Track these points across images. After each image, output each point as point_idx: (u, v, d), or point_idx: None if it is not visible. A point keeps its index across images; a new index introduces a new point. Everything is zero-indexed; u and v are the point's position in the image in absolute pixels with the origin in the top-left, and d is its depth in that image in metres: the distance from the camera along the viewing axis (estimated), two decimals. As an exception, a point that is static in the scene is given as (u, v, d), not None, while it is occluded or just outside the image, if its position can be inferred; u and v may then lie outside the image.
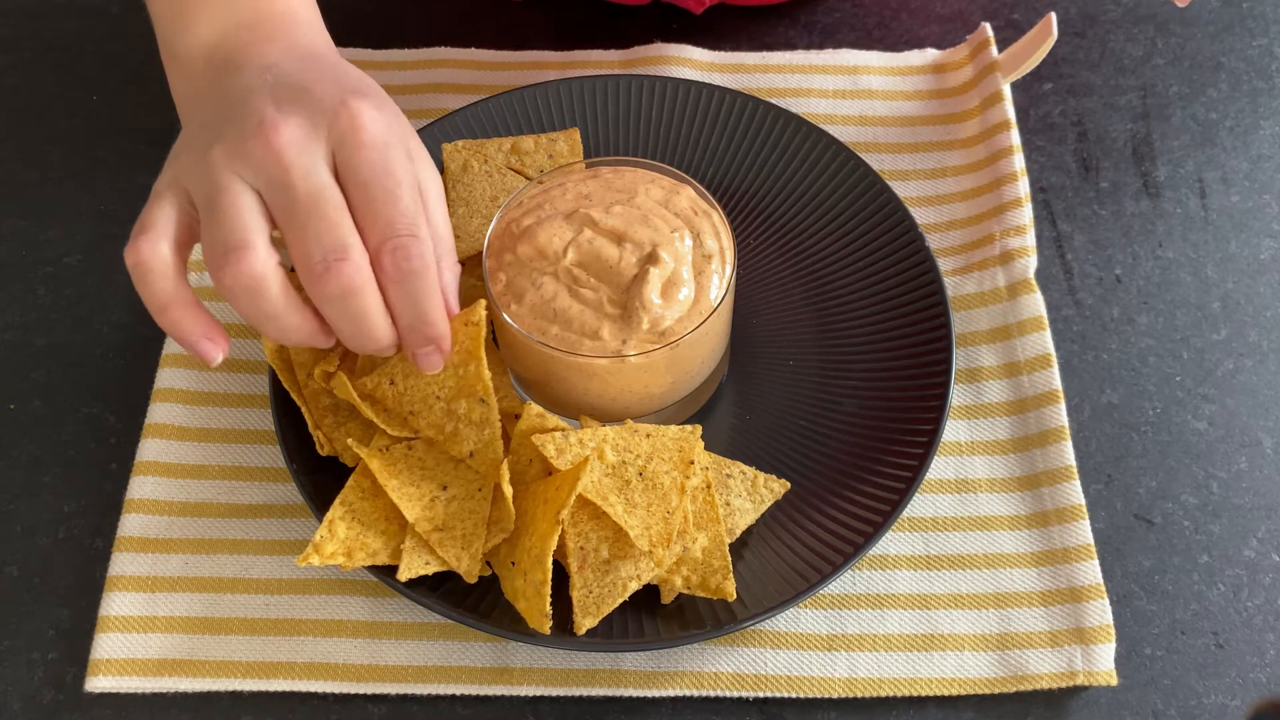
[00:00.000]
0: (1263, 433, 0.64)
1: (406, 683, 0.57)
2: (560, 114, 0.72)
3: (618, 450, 0.56)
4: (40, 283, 0.70)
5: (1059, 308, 0.69)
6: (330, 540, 0.55)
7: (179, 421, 0.63)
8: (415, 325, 0.52)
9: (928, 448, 0.59)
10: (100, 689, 0.56)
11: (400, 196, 0.49)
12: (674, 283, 0.57)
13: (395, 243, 0.49)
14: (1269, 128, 0.76)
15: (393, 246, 0.49)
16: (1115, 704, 0.57)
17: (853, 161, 0.70)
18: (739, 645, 0.57)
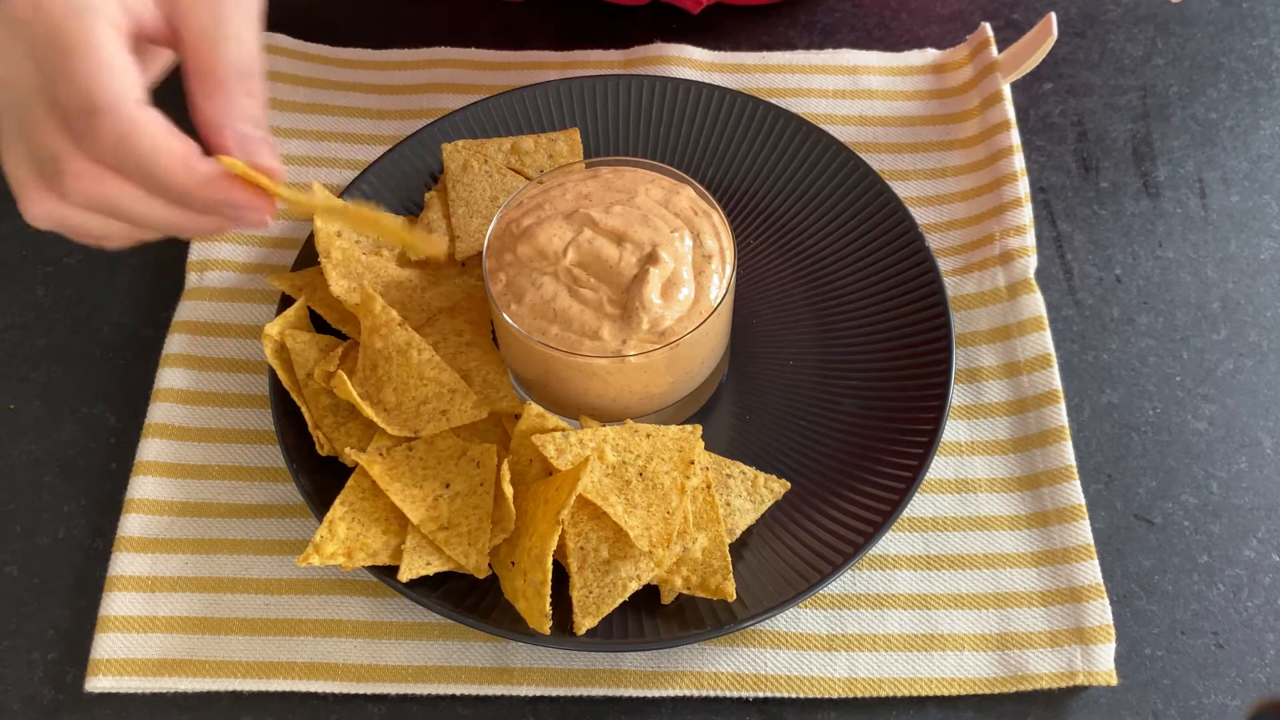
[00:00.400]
0: (1263, 433, 0.64)
1: (406, 683, 0.57)
2: (560, 114, 0.72)
3: (618, 450, 0.56)
4: (40, 283, 0.70)
5: (1059, 308, 0.69)
6: (330, 540, 0.55)
7: (179, 421, 0.63)
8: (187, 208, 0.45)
9: (928, 448, 0.59)
10: (100, 689, 0.56)
11: (65, 70, 0.42)
12: (674, 283, 0.57)
13: (80, 130, 0.42)
14: (1269, 128, 0.76)
15: (79, 136, 0.43)
16: (1115, 704, 0.57)
17: (853, 161, 0.70)
18: (739, 645, 0.57)
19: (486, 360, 0.62)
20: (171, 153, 0.43)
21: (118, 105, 0.42)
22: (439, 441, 0.58)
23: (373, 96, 0.76)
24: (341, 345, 0.61)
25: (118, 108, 0.42)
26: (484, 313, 0.64)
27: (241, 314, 0.67)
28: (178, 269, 0.69)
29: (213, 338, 0.66)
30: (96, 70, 0.41)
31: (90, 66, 0.41)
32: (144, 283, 0.70)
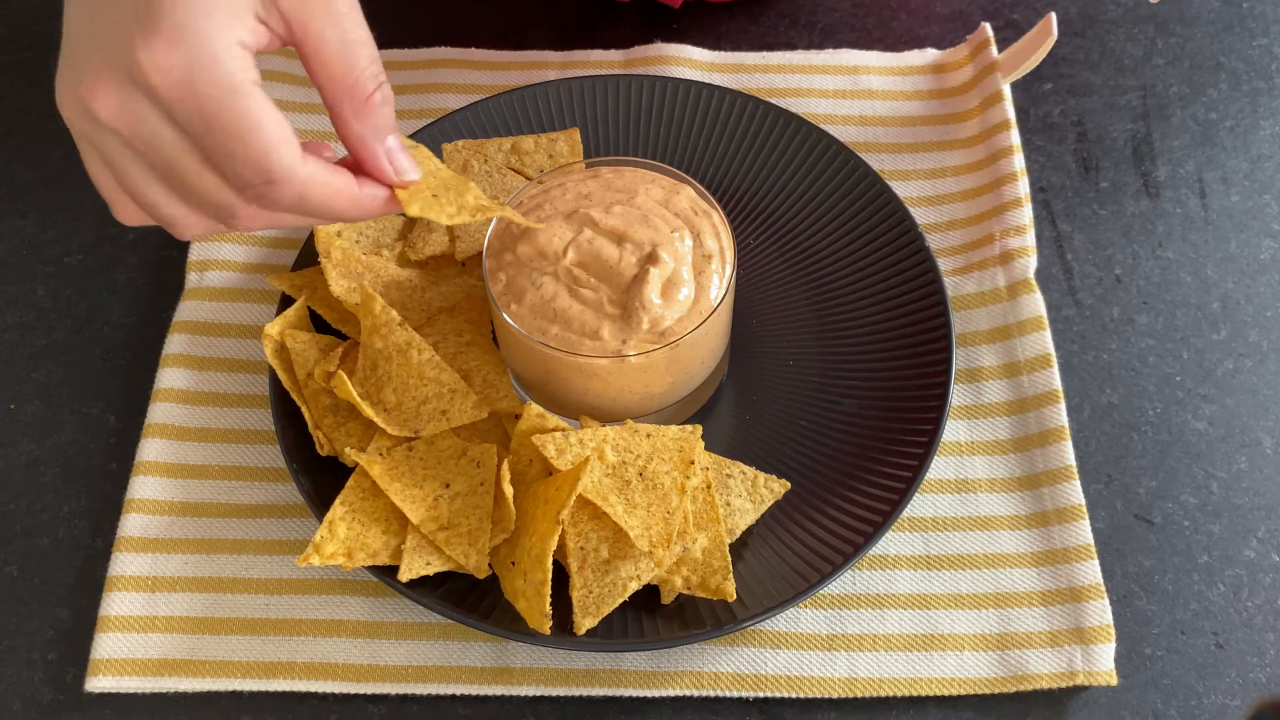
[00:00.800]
0: (1263, 433, 0.64)
1: (406, 683, 0.57)
2: (560, 114, 0.72)
3: (618, 450, 0.56)
4: (40, 283, 0.70)
5: (1059, 308, 0.69)
6: (330, 540, 0.55)
7: (179, 421, 0.63)
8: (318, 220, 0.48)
9: (928, 448, 0.59)
10: (100, 689, 0.56)
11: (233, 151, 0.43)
12: (674, 283, 0.57)
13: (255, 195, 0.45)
14: (1269, 128, 0.76)
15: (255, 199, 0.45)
16: (1115, 704, 0.57)
17: (853, 161, 0.70)
18: (739, 645, 0.57)
19: (486, 360, 0.62)
20: (340, 196, 0.46)
21: (291, 176, 0.44)
22: (439, 441, 0.58)
23: (373, 96, 0.76)
24: (341, 345, 0.61)
25: (292, 178, 0.44)
26: (484, 313, 0.64)
27: (241, 314, 0.67)
28: (178, 269, 0.69)
29: (213, 338, 0.66)
30: (268, 150, 0.43)
31: (262, 146, 0.43)
32: (144, 283, 0.70)
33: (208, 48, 0.41)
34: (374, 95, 0.46)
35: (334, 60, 0.45)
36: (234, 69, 0.42)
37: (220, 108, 0.42)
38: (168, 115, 0.42)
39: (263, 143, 0.43)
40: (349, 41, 0.45)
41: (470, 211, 0.50)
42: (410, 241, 0.66)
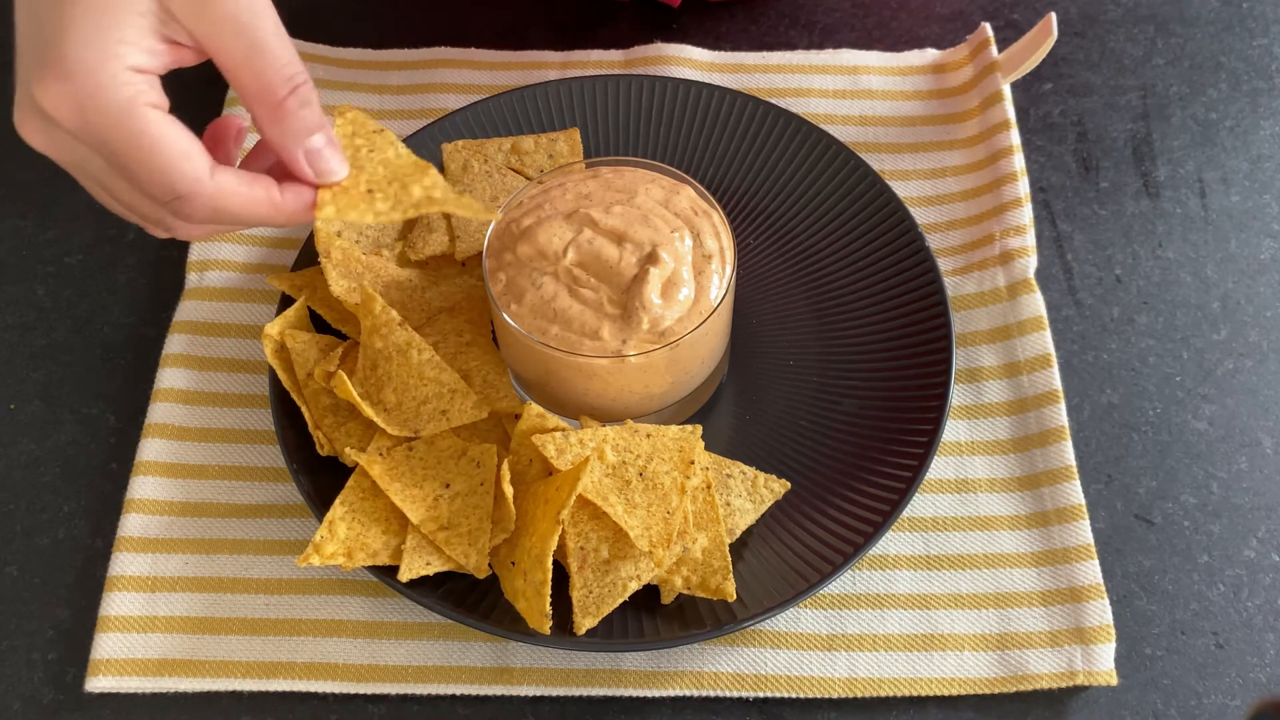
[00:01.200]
0: (1263, 433, 0.64)
1: (406, 683, 0.57)
2: (560, 114, 0.72)
3: (618, 450, 0.56)
4: (40, 283, 0.70)
5: (1059, 308, 0.69)
6: (330, 540, 0.55)
7: (179, 421, 0.63)
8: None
9: (928, 448, 0.59)
10: (100, 689, 0.56)
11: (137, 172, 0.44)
12: (674, 283, 0.57)
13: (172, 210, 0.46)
14: (1269, 128, 0.76)
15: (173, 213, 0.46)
16: (1115, 704, 0.57)
17: (853, 161, 0.70)
18: (739, 645, 0.57)
19: (486, 360, 0.62)
20: (258, 204, 0.47)
21: (198, 188, 0.44)
22: (439, 441, 0.58)
23: (373, 96, 0.76)
24: (341, 345, 0.61)
25: (198, 190, 0.44)
26: (484, 313, 0.64)
27: (241, 314, 0.67)
28: (178, 269, 0.69)
29: (213, 338, 0.66)
30: (168, 165, 0.44)
31: (161, 163, 0.44)
32: (144, 283, 0.70)
33: (93, 79, 0.42)
34: (287, 100, 0.45)
35: (242, 69, 0.45)
36: (123, 95, 0.43)
37: (114, 134, 0.43)
38: (78, 142, 0.44)
39: (162, 162, 0.44)
40: (255, 47, 0.44)
41: (409, 206, 0.48)
42: (410, 241, 0.66)
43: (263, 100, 0.45)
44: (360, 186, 0.48)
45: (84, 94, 0.43)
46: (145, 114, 0.43)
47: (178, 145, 0.44)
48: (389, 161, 0.49)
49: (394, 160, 0.49)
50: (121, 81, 0.43)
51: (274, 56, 0.45)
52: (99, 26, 0.42)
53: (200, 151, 0.45)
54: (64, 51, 0.42)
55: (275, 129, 0.46)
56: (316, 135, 0.47)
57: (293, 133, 0.46)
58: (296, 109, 0.46)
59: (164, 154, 0.44)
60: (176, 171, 0.44)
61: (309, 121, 0.46)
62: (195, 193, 0.45)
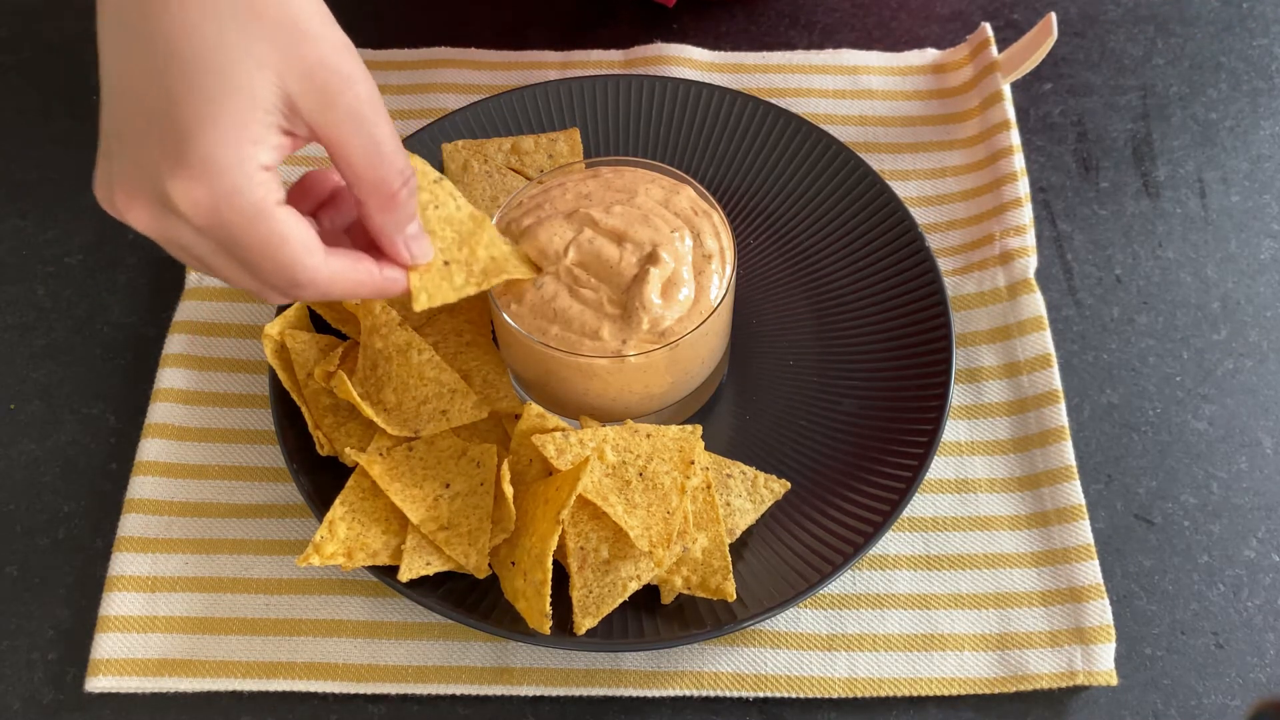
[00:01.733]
0: (1263, 433, 0.64)
1: (406, 683, 0.57)
2: (560, 114, 0.72)
3: (618, 450, 0.56)
4: (40, 283, 0.70)
5: (1059, 308, 0.69)
6: (330, 540, 0.55)
7: (179, 421, 0.63)
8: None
9: (928, 448, 0.59)
10: (100, 689, 0.56)
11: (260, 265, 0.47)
12: (674, 283, 0.57)
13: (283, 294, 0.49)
14: (1269, 128, 0.76)
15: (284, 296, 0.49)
16: (1115, 704, 0.57)
17: (853, 161, 0.70)
18: (739, 645, 0.57)
19: (486, 360, 0.62)
20: (363, 286, 0.50)
21: (314, 279, 0.47)
22: (439, 441, 0.58)
23: (373, 96, 0.76)
24: (341, 345, 0.61)
25: (315, 280, 0.47)
26: (484, 313, 0.64)
27: (241, 314, 0.67)
28: (178, 269, 0.69)
29: (213, 338, 0.66)
30: (292, 263, 0.46)
31: (285, 259, 0.46)
32: (144, 283, 0.70)
33: (230, 181, 0.43)
34: (399, 193, 0.48)
35: (360, 163, 0.47)
36: (257, 197, 0.44)
37: (245, 233, 0.45)
38: (199, 233, 0.45)
39: (286, 257, 0.46)
40: (375, 142, 0.46)
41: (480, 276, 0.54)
42: (410, 241, 0.66)
43: (377, 192, 0.47)
44: (437, 259, 0.52)
45: (220, 195, 0.44)
46: (276, 214, 0.45)
47: (301, 242, 0.46)
48: (452, 218, 0.53)
49: (456, 215, 0.53)
50: (256, 183, 0.44)
51: (391, 152, 0.47)
52: (233, 125, 0.43)
53: (316, 242, 0.47)
54: (201, 150, 0.43)
55: (384, 217, 0.49)
56: (414, 222, 0.50)
57: (397, 222, 0.49)
58: (405, 200, 0.48)
59: (289, 251, 0.46)
60: (299, 265, 0.46)
61: (412, 210, 0.49)
62: (312, 281, 0.47)
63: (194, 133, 0.43)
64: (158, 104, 0.43)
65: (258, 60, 0.43)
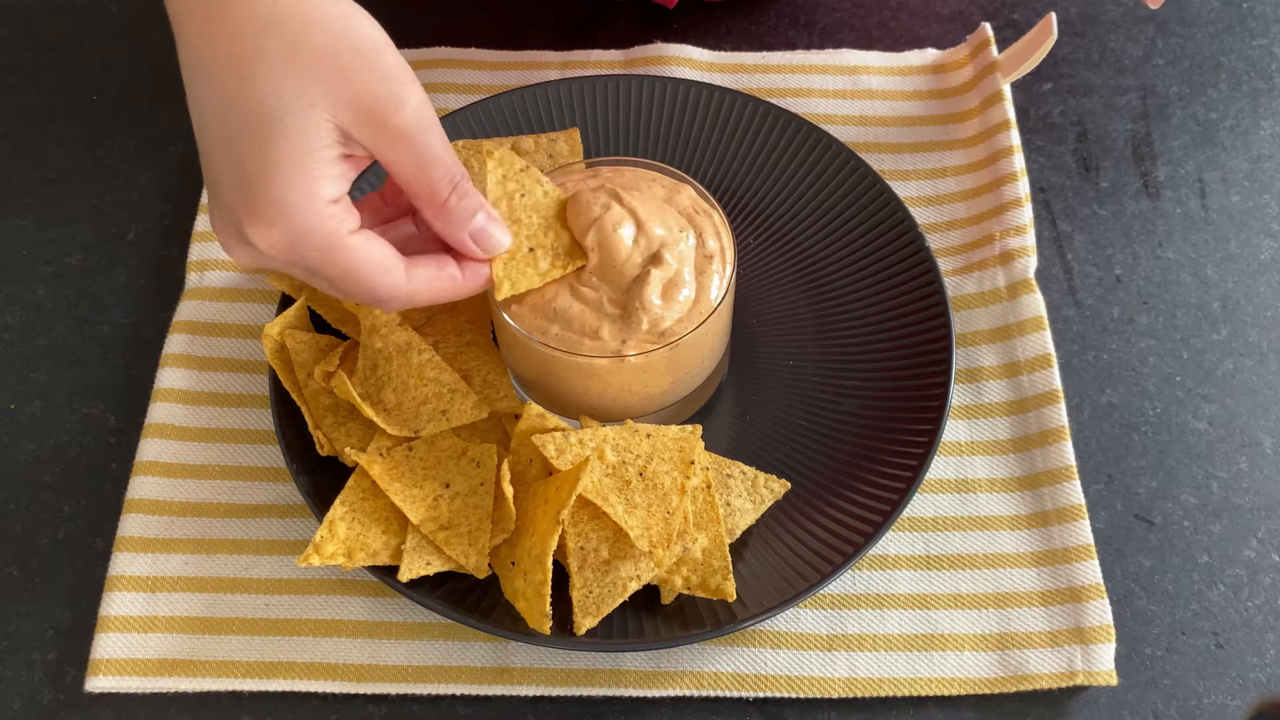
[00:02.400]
0: (1263, 433, 0.64)
1: (406, 683, 0.57)
2: (560, 114, 0.72)
3: (618, 450, 0.56)
4: (40, 283, 0.70)
5: (1059, 308, 0.69)
6: (330, 540, 0.55)
7: (179, 421, 0.63)
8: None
9: (928, 448, 0.59)
10: (100, 689, 0.56)
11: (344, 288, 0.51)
12: (674, 283, 0.57)
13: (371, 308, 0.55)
14: (1269, 128, 0.76)
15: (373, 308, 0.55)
16: (1115, 704, 0.57)
17: (853, 161, 0.70)
18: (739, 645, 0.57)
19: (486, 360, 0.62)
20: (447, 291, 0.53)
21: (396, 295, 0.51)
22: (439, 441, 0.58)
23: (373, 96, 0.76)
24: (341, 345, 0.61)
25: (397, 296, 0.51)
26: (484, 312, 0.64)
27: (241, 314, 0.67)
28: (178, 269, 0.69)
29: (213, 338, 0.66)
30: (372, 285, 0.50)
31: (365, 281, 0.50)
32: (144, 283, 0.70)
33: (301, 220, 0.47)
34: (449, 199, 0.50)
35: (411, 177, 0.50)
36: (329, 230, 0.48)
37: (324, 264, 0.49)
38: (288, 266, 0.50)
39: (366, 280, 0.50)
40: (423, 157, 0.49)
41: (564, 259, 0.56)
42: (410, 241, 0.66)
43: (431, 201, 0.50)
44: (522, 245, 0.55)
45: (294, 235, 0.47)
46: (349, 244, 0.49)
47: (378, 263, 0.50)
48: (539, 204, 0.56)
49: (543, 201, 0.56)
50: (326, 217, 0.48)
51: (439, 164, 0.50)
52: (295, 167, 0.47)
53: (396, 260, 0.50)
54: (271, 196, 0.47)
55: (441, 223, 0.51)
56: (478, 216, 0.52)
57: (456, 223, 0.51)
58: (457, 203, 0.51)
59: (367, 274, 0.49)
60: (379, 285, 0.50)
61: (469, 210, 0.51)
62: (395, 297, 0.51)
63: (262, 180, 0.47)
64: (232, 153, 0.47)
65: (309, 101, 0.46)
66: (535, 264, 0.55)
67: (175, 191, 0.73)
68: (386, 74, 0.48)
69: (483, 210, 0.52)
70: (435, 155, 0.49)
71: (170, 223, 0.72)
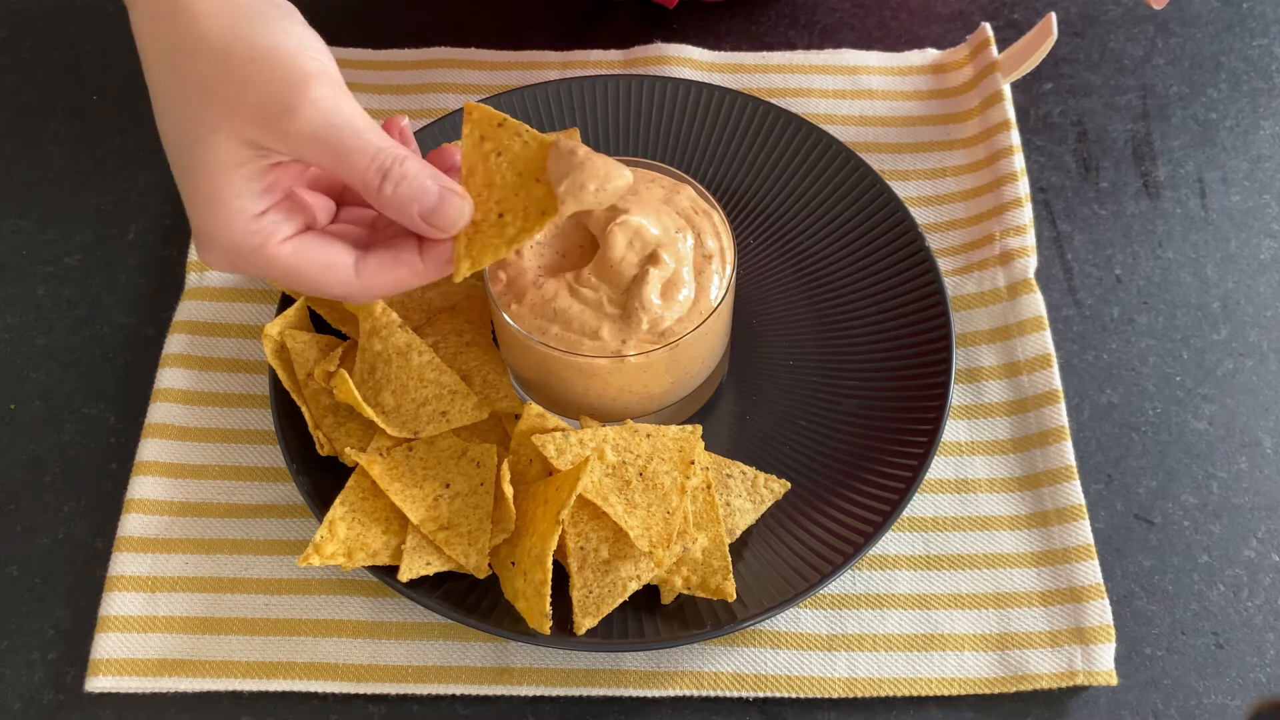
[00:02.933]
0: (1263, 433, 0.64)
1: (406, 683, 0.57)
2: (560, 114, 0.72)
3: (618, 450, 0.56)
4: (40, 283, 0.70)
5: (1059, 308, 0.69)
6: (330, 540, 0.55)
7: (179, 421, 0.63)
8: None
9: (928, 448, 0.59)
10: (100, 689, 0.56)
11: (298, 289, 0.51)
12: (674, 283, 0.57)
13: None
14: (1269, 128, 0.76)
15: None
16: (1115, 704, 0.57)
17: (853, 161, 0.70)
18: (739, 645, 0.57)
19: (486, 360, 0.62)
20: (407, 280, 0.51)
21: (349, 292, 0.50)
22: (439, 441, 0.58)
23: (373, 96, 0.76)
24: (341, 345, 0.61)
25: (350, 294, 0.50)
26: (484, 312, 0.64)
27: (241, 314, 0.67)
28: (178, 269, 0.69)
29: (213, 338, 0.66)
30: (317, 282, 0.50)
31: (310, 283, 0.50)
32: (144, 283, 0.70)
33: (228, 241, 0.48)
34: (382, 187, 0.48)
35: (334, 170, 0.48)
36: (255, 245, 0.48)
37: (267, 272, 0.49)
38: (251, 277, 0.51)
39: (310, 283, 0.50)
40: (339, 153, 0.47)
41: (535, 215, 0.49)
42: (410, 241, 0.66)
43: (366, 192, 0.49)
44: (491, 212, 0.50)
45: (229, 254, 0.49)
46: (281, 254, 0.49)
47: (318, 265, 0.49)
48: (517, 158, 0.49)
49: (521, 153, 0.49)
50: (250, 234, 0.48)
51: (359, 155, 0.48)
52: (213, 196, 0.47)
53: (341, 257, 0.50)
54: (198, 223, 0.48)
55: (385, 211, 0.49)
56: (426, 196, 0.49)
57: (398, 208, 0.49)
58: (393, 191, 0.48)
59: (310, 276, 0.49)
60: (326, 284, 0.50)
61: (408, 192, 0.48)
62: (349, 294, 0.50)
63: (190, 209, 0.48)
64: (180, 184, 0.49)
65: (211, 126, 0.47)
66: (503, 232, 0.49)
67: (175, 191, 0.73)
68: (277, 78, 0.47)
69: (429, 192, 0.49)
70: (351, 148, 0.47)
71: (170, 223, 0.72)
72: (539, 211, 0.49)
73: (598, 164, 0.49)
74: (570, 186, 0.48)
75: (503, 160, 0.50)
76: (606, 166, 0.49)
